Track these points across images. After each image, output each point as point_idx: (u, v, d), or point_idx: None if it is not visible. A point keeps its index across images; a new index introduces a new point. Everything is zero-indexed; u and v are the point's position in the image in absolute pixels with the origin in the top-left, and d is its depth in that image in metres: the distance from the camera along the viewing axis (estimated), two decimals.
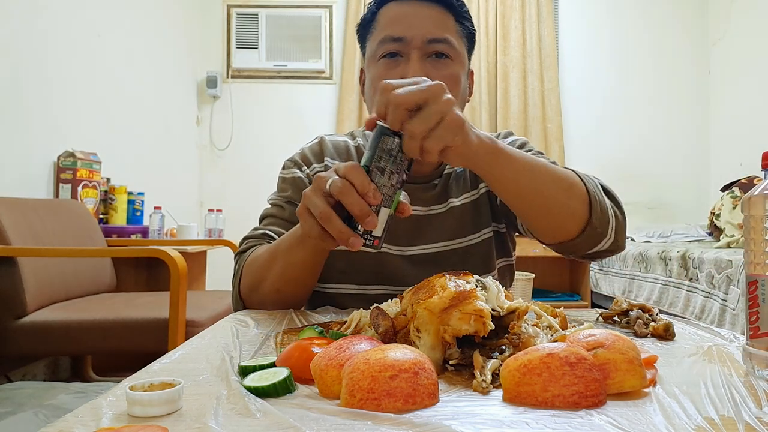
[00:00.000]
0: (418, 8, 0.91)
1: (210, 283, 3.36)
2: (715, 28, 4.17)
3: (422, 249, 0.97)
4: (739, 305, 2.20)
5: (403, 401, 0.41)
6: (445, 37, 0.90)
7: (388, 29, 0.91)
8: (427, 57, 0.90)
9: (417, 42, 0.89)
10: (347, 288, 0.96)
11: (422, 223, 0.98)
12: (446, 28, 0.91)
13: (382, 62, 0.91)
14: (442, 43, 0.90)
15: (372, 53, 0.94)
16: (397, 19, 0.91)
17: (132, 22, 3.19)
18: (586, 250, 0.83)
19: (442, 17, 0.92)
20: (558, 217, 0.78)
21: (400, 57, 0.90)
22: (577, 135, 4.22)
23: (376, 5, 0.95)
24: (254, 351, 0.60)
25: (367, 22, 0.97)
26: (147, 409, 0.40)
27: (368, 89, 0.96)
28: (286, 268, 0.83)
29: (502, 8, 4.17)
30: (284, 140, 4.02)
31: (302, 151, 1.05)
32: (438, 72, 0.89)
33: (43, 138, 2.40)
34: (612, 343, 0.46)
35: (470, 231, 0.99)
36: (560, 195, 0.77)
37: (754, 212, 0.49)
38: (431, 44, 0.89)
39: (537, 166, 0.76)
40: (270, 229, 0.97)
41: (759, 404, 0.42)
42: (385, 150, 0.63)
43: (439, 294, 0.52)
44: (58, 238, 2.11)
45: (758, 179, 2.93)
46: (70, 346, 1.83)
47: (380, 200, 0.63)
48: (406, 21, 0.90)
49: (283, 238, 0.85)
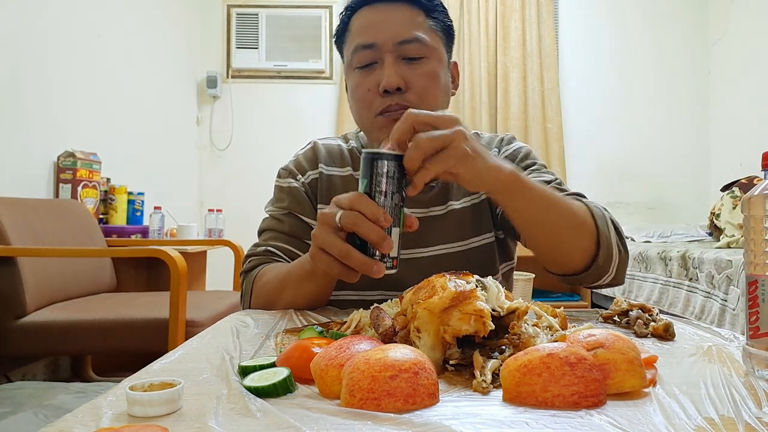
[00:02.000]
0: (386, 12, 0.91)
1: (210, 283, 3.36)
2: (715, 28, 4.17)
3: (422, 252, 0.97)
4: (739, 305, 2.20)
5: (403, 401, 0.41)
6: (415, 36, 0.90)
7: (359, 37, 0.92)
8: (401, 59, 0.90)
9: (388, 46, 0.89)
10: (346, 294, 0.96)
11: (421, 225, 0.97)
12: (416, 26, 0.91)
13: (358, 72, 0.93)
14: (414, 43, 0.90)
15: (348, 62, 0.95)
16: (367, 26, 0.92)
17: (132, 22, 3.19)
18: (588, 283, 0.87)
19: (411, 16, 0.91)
20: (566, 252, 0.81)
21: (375, 63, 0.91)
22: (577, 135, 4.22)
23: (347, 14, 0.96)
24: (254, 351, 0.60)
25: (341, 32, 0.98)
26: (147, 409, 0.40)
27: (350, 98, 0.97)
28: (297, 298, 0.85)
29: (502, 8, 4.17)
30: (284, 140, 4.02)
31: (296, 158, 1.05)
32: (413, 71, 0.90)
33: (43, 138, 2.40)
34: (612, 343, 0.46)
35: (471, 234, 0.99)
36: (571, 232, 0.80)
37: (754, 212, 0.49)
38: (402, 45, 0.90)
39: (553, 201, 0.78)
40: (272, 245, 0.97)
41: (759, 404, 0.42)
42: (382, 173, 0.64)
43: (439, 294, 0.52)
44: (58, 238, 2.11)
45: (758, 179, 2.93)
46: (70, 346, 1.83)
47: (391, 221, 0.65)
48: (376, 26, 0.91)
49: (292, 269, 0.86)
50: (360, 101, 0.93)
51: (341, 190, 0.99)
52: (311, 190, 1.02)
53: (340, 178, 1.02)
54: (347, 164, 1.03)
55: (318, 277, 0.81)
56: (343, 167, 1.03)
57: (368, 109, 0.92)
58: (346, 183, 1.01)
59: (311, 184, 1.02)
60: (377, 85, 0.90)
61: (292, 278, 0.85)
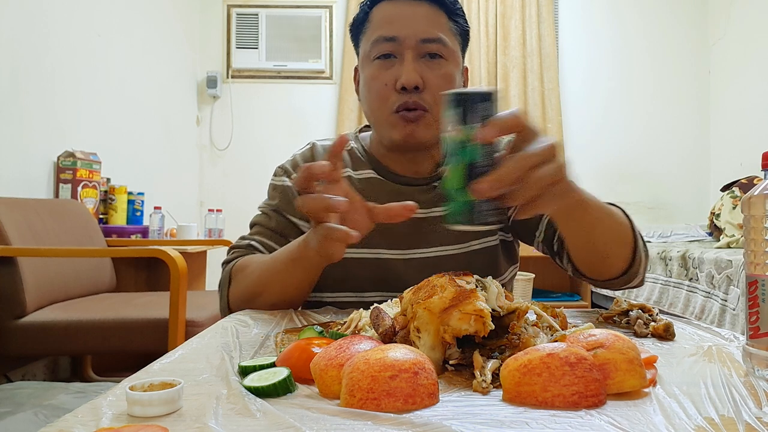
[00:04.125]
0: (410, 7, 0.91)
1: (210, 283, 3.36)
2: (715, 28, 4.17)
3: (423, 253, 0.96)
4: (739, 305, 2.20)
5: (403, 401, 0.41)
6: (439, 37, 0.90)
7: (381, 29, 0.91)
8: (420, 57, 0.90)
9: (410, 42, 0.89)
10: (344, 296, 0.96)
11: (422, 226, 0.97)
12: (439, 26, 0.91)
13: (376, 63, 0.91)
14: (436, 43, 0.90)
15: (366, 53, 0.94)
16: (390, 19, 0.91)
17: (132, 22, 3.19)
18: (619, 286, 0.89)
19: (434, 15, 0.91)
20: (611, 261, 0.84)
21: (394, 57, 0.90)
22: (577, 135, 4.22)
23: (368, 5, 0.95)
24: (254, 351, 0.60)
25: (360, 21, 0.96)
26: (147, 409, 0.40)
27: (362, 89, 0.96)
28: (284, 288, 0.84)
29: (502, 8, 4.17)
30: (284, 140, 4.02)
31: (294, 158, 1.05)
32: (432, 72, 0.89)
33: (43, 138, 2.40)
34: (612, 343, 0.46)
35: (471, 237, 0.98)
36: (618, 244, 0.83)
37: (754, 212, 0.49)
38: (425, 44, 0.89)
39: (606, 215, 0.79)
40: (256, 240, 0.98)
41: (759, 404, 0.42)
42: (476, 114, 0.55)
43: (439, 294, 0.51)
44: (58, 238, 2.11)
45: (758, 179, 2.93)
46: (70, 346, 1.82)
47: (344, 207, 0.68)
48: (399, 21, 0.90)
49: (278, 256, 0.85)
50: (375, 94, 0.92)
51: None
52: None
53: None
54: (346, 165, 1.02)
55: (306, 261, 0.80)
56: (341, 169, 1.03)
57: (383, 103, 0.91)
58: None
59: None
60: (395, 81, 0.89)
61: (278, 266, 0.84)
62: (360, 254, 0.94)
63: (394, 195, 0.95)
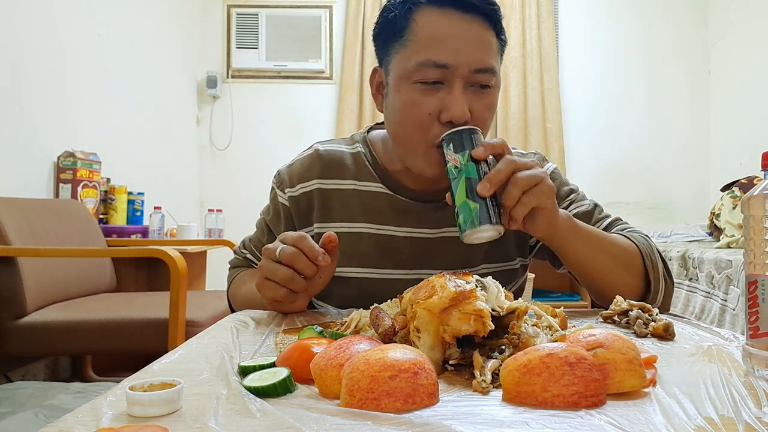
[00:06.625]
0: (463, 23, 0.82)
1: (210, 283, 3.36)
2: (715, 28, 4.17)
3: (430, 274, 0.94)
4: (739, 305, 2.20)
5: (402, 401, 0.41)
6: (491, 66, 0.83)
7: (430, 51, 0.81)
8: (469, 86, 0.82)
9: (462, 71, 0.80)
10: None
11: (430, 246, 0.93)
12: (490, 51, 0.84)
13: (418, 87, 0.82)
14: (488, 74, 0.83)
15: (405, 71, 0.82)
16: (441, 39, 0.81)
17: (132, 22, 3.19)
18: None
19: (486, 36, 0.84)
20: (617, 288, 0.84)
21: (441, 84, 0.81)
22: (577, 135, 4.21)
23: (407, 8, 0.83)
24: (254, 351, 0.60)
25: (398, 27, 0.84)
26: (147, 409, 0.40)
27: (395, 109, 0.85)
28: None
29: (502, 8, 4.14)
30: (284, 140, 4.02)
31: (293, 164, 0.99)
32: (479, 102, 0.83)
33: (43, 138, 2.40)
34: (612, 343, 0.46)
35: (481, 260, 0.94)
36: (621, 271, 0.85)
37: (754, 212, 0.49)
38: (477, 74, 0.81)
39: (604, 243, 0.85)
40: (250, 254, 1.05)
41: (759, 404, 0.42)
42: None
43: (439, 294, 0.52)
44: (58, 238, 2.11)
45: (758, 179, 2.93)
46: (70, 346, 1.83)
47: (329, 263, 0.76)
48: (452, 44, 0.80)
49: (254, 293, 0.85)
50: (414, 122, 0.82)
51: (338, 205, 0.95)
52: (297, 205, 0.97)
53: (338, 192, 0.95)
54: (348, 174, 0.95)
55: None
56: (344, 179, 0.96)
57: (423, 134, 0.82)
58: (343, 198, 0.95)
59: (298, 198, 0.96)
60: (439, 111, 0.81)
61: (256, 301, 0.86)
62: (368, 274, 0.93)
63: (402, 212, 0.93)
